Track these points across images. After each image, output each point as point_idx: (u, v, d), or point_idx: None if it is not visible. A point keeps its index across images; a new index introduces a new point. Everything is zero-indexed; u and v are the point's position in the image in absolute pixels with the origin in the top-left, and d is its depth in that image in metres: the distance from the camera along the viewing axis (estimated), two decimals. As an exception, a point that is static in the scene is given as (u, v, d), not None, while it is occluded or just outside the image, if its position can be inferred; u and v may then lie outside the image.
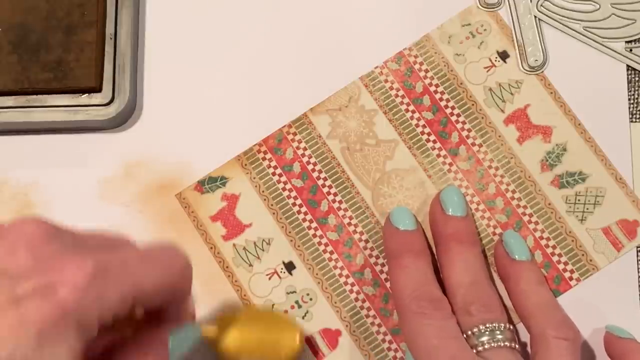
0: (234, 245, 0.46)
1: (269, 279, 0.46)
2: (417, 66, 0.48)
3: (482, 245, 0.45)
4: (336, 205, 0.46)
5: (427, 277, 0.43)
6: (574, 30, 0.48)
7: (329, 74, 0.49)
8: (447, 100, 0.47)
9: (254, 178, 0.47)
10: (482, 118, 0.47)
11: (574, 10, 0.48)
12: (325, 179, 0.47)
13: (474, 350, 0.40)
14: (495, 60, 0.48)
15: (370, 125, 0.47)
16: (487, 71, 0.47)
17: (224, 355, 0.41)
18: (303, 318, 0.45)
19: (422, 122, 0.47)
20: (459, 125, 0.47)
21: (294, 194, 0.46)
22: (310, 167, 0.47)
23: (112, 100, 0.48)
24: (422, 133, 0.47)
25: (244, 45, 0.50)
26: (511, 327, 0.42)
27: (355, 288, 0.45)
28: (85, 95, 0.48)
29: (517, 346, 0.41)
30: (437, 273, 0.44)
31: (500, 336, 0.41)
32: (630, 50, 0.48)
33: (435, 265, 0.45)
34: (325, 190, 0.46)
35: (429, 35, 0.48)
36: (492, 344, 0.40)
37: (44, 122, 0.47)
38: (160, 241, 0.37)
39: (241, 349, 0.41)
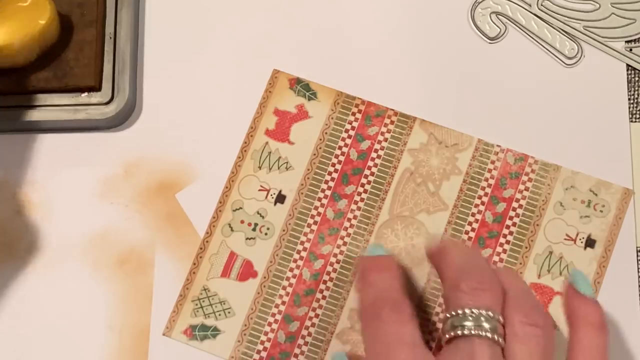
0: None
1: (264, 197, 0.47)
2: (524, 177, 0.47)
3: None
4: (353, 208, 0.46)
5: (390, 286, 0.41)
6: (574, 29, 0.48)
7: (328, 71, 0.49)
8: (514, 220, 0.46)
9: (332, 114, 0.47)
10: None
11: (574, 10, 0.48)
12: (371, 175, 0.47)
13: (452, 333, 0.37)
14: None
15: (443, 178, 0.47)
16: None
17: None
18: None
19: (478, 217, 0.46)
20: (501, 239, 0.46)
21: (341, 158, 0.47)
22: (373, 154, 0.47)
23: (111, 99, 0.48)
24: (470, 223, 0.46)
25: (244, 45, 0.50)
26: (502, 320, 0.38)
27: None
28: (85, 94, 0.48)
29: (502, 340, 0.37)
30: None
31: (486, 325, 0.37)
32: (630, 50, 0.48)
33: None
34: (359, 188, 0.46)
35: (560, 167, 0.46)
36: (475, 332, 0.37)
37: (44, 121, 0.47)
38: None
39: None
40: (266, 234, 0.46)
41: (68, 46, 0.48)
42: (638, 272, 0.45)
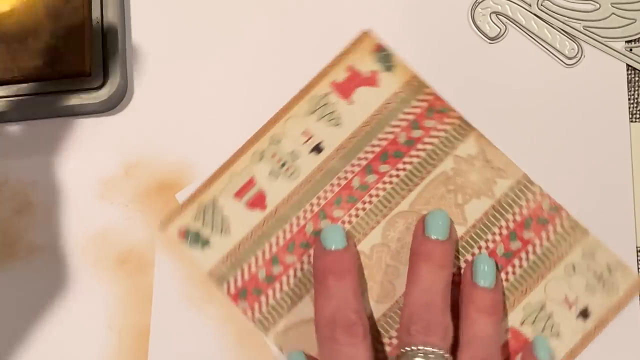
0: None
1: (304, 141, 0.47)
2: (550, 227, 0.46)
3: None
4: (379, 186, 0.46)
5: (346, 300, 0.42)
6: (574, 29, 0.48)
7: (327, 56, 0.48)
8: (522, 263, 0.46)
9: (400, 93, 0.47)
10: None
11: (574, 10, 0.48)
12: (409, 163, 0.46)
13: None
14: None
15: (474, 195, 0.46)
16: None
17: None
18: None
19: (490, 246, 0.46)
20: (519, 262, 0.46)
21: (389, 137, 0.47)
22: (420, 145, 0.47)
23: (103, 84, 0.47)
24: (480, 247, 0.46)
25: (237, 26, 0.49)
26: (449, 357, 0.41)
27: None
28: (76, 80, 0.47)
29: None
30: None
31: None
32: (630, 50, 0.48)
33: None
34: (393, 171, 0.46)
35: (588, 232, 0.45)
36: None
37: (37, 109, 0.47)
38: None
39: None
40: (290, 175, 0.47)
41: (56, 33, 0.47)
42: (638, 272, 0.45)
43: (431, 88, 0.47)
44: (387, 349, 0.45)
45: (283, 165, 0.47)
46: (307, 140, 0.47)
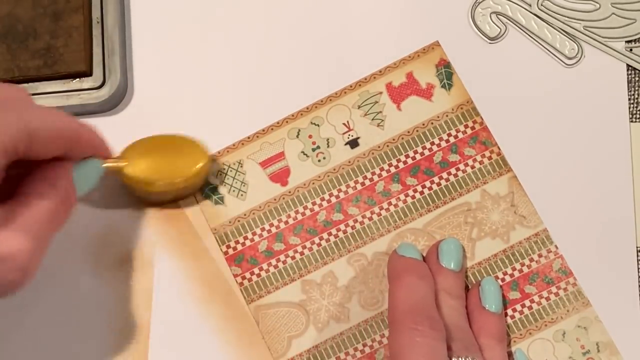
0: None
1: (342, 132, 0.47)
2: (554, 289, 0.45)
3: None
4: (401, 197, 0.46)
5: (427, 298, 0.42)
6: (574, 29, 0.48)
7: (328, 57, 0.48)
8: (515, 316, 0.45)
9: (450, 114, 0.47)
10: None
11: (574, 10, 0.48)
12: (437, 184, 0.46)
13: None
14: None
15: (490, 234, 0.46)
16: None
17: (134, 183, 0.43)
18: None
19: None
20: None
21: (425, 153, 0.47)
22: (452, 170, 0.46)
23: (103, 83, 0.48)
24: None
25: (237, 25, 0.49)
26: None
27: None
28: (77, 80, 0.48)
29: None
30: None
31: None
32: (630, 50, 0.48)
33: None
34: (418, 187, 0.46)
35: (589, 304, 0.45)
36: None
37: None
38: None
39: (149, 173, 0.43)
40: (320, 161, 0.47)
41: (56, 33, 0.47)
42: (638, 272, 0.45)
43: (481, 117, 0.47)
44: (358, 354, 0.45)
45: (315, 149, 0.47)
46: (346, 132, 0.47)
